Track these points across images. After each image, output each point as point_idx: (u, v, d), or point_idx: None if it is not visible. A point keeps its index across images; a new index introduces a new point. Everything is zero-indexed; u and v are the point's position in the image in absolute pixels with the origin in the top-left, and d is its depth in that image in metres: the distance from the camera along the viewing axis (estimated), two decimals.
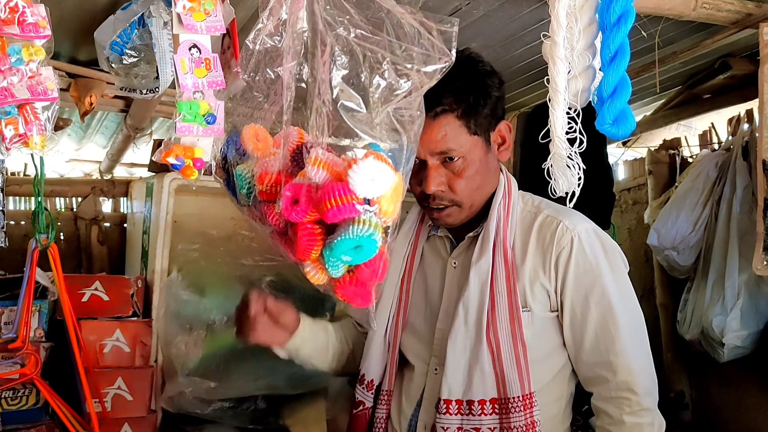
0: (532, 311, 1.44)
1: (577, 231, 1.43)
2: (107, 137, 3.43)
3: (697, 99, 2.91)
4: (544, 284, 1.44)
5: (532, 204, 1.52)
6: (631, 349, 1.41)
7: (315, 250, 1.00)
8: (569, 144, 1.18)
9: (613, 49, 1.15)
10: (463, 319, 1.43)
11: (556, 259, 1.42)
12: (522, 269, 1.44)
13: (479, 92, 1.39)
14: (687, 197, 2.80)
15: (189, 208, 2.67)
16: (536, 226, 1.46)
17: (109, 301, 2.33)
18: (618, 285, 1.44)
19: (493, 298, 1.43)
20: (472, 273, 1.44)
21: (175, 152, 1.09)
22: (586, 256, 1.42)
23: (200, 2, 1.06)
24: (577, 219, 1.46)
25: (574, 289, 1.42)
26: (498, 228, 1.45)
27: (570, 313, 1.44)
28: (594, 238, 1.45)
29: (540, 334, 1.45)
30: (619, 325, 1.40)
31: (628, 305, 1.45)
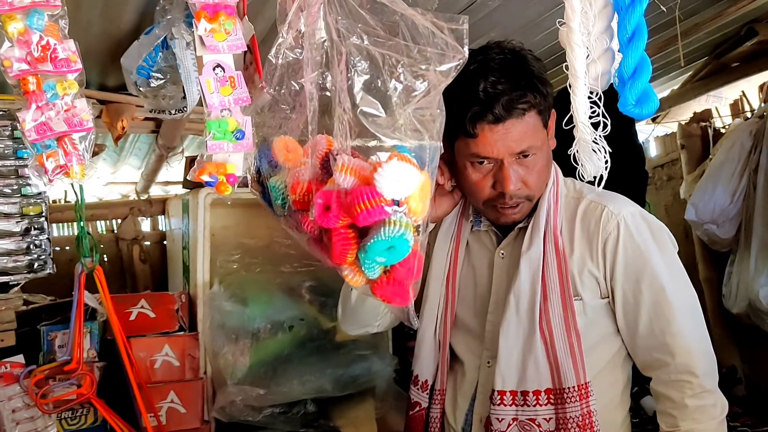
0: (583, 300, 1.41)
1: (623, 215, 1.40)
2: (141, 158, 3.51)
3: (725, 68, 2.86)
4: (593, 272, 1.41)
5: (574, 189, 1.50)
6: (688, 330, 1.38)
7: (350, 253, 1.02)
8: (593, 128, 1.18)
9: (630, 29, 1.14)
10: (515, 309, 1.41)
11: (603, 246, 1.40)
12: (571, 257, 1.42)
13: (547, 83, 1.38)
14: (722, 169, 2.76)
15: (225, 221, 2.73)
16: (580, 212, 1.44)
17: (155, 318, 2.38)
18: (668, 266, 1.40)
19: (545, 288, 1.40)
20: (523, 262, 1.42)
21: (208, 170, 1.12)
22: (634, 240, 1.39)
23: (220, 23, 1.09)
24: (621, 203, 1.43)
25: (624, 275, 1.39)
26: (548, 216, 1.43)
27: (622, 299, 1.41)
28: (640, 220, 1.42)
29: (592, 322, 1.43)
30: (673, 307, 1.37)
31: (680, 286, 1.41)
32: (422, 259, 1.05)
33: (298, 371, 2.40)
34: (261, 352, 2.44)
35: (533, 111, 1.34)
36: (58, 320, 2.26)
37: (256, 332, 2.43)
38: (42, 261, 2.07)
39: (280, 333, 2.48)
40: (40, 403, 1.90)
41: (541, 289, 1.40)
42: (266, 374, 2.37)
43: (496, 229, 1.53)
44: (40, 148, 1.10)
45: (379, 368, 2.50)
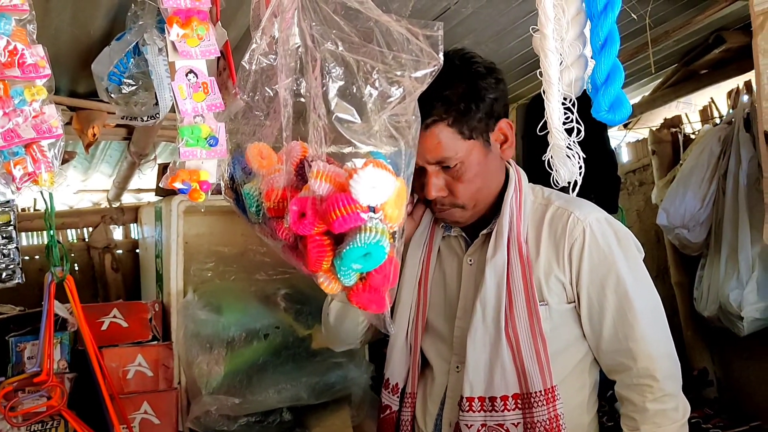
0: (549, 305, 1.43)
1: (589, 221, 1.42)
2: (112, 166, 3.46)
3: (694, 75, 2.91)
4: (559, 277, 1.43)
5: (542, 196, 1.51)
6: (651, 335, 1.40)
7: (326, 260, 1.01)
8: (567, 134, 1.19)
9: (603, 36, 1.16)
10: (482, 316, 1.43)
11: (569, 251, 1.42)
12: (536, 263, 1.44)
13: (471, 97, 1.37)
14: (693, 174, 2.80)
15: (199, 229, 2.70)
16: (547, 218, 1.46)
17: (128, 327, 2.35)
18: (633, 272, 1.43)
19: (510, 294, 1.42)
20: (488, 270, 1.43)
21: (181, 177, 1.10)
22: (599, 245, 1.41)
23: (193, 29, 1.08)
24: (587, 209, 1.45)
25: (590, 280, 1.41)
26: (511, 223, 1.45)
27: (587, 304, 1.43)
28: (606, 226, 1.44)
29: (558, 327, 1.45)
30: (636, 312, 1.39)
31: (644, 291, 1.44)
32: (398, 266, 1.05)
33: (273, 380, 2.38)
34: (236, 360, 2.42)
35: (441, 124, 1.35)
36: (27, 331, 2.21)
37: (231, 341, 2.40)
38: (11, 270, 2.03)
39: (255, 341, 2.46)
40: (9, 416, 1.86)
41: (507, 295, 1.42)
42: (241, 383, 2.35)
43: (465, 235, 1.55)
44: (8, 155, 1.08)
45: (355, 376, 2.49)
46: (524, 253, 1.43)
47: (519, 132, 2.85)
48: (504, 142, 1.47)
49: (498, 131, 1.45)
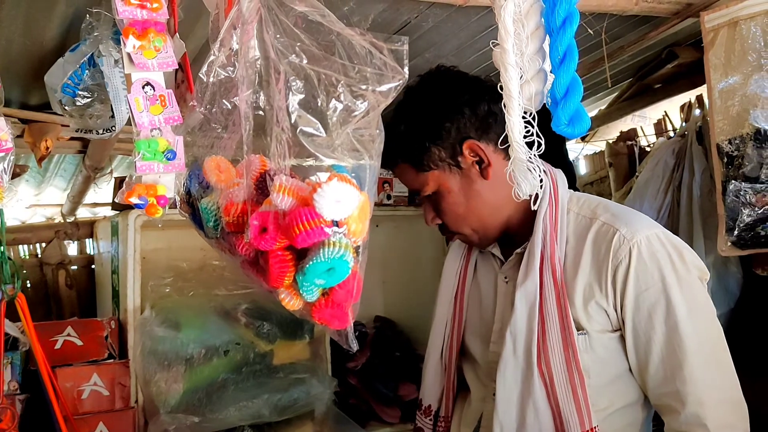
0: (589, 333, 1.27)
1: (636, 240, 1.26)
2: (67, 179, 3.38)
3: (648, 89, 2.98)
4: (601, 303, 1.27)
5: (588, 208, 1.36)
6: (703, 377, 1.22)
7: (288, 276, 1.00)
8: (528, 147, 1.20)
9: (562, 51, 1.17)
10: (512, 348, 1.30)
11: (613, 275, 1.26)
12: (574, 286, 1.28)
13: (422, 134, 1.32)
14: (648, 186, 2.86)
15: (157, 243, 2.65)
16: (591, 235, 1.30)
17: (83, 346, 2.29)
18: (687, 301, 1.24)
19: (543, 323, 1.27)
20: (518, 296, 1.30)
21: (137, 192, 1.08)
22: (648, 269, 1.24)
23: (150, 40, 1.06)
24: (638, 226, 1.29)
25: (635, 308, 1.25)
26: (545, 243, 1.31)
27: (633, 334, 1.26)
28: (658, 246, 1.27)
29: (603, 358, 1.29)
30: (686, 349, 1.22)
31: (699, 324, 1.25)
32: (361, 281, 1.04)
33: (234, 397, 2.34)
34: (195, 378, 2.37)
35: (400, 163, 1.36)
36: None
37: (190, 358, 2.36)
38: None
39: (215, 358, 2.42)
40: None
41: (539, 325, 1.28)
42: (201, 401, 2.30)
43: (499, 252, 1.45)
44: None
45: (317, 391, 2.46)
46: (558, 276, 1.28)
47: None
48: (481, 163, 1.36)
49: (467, 154, 1.35)
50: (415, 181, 1.36)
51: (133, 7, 1.07)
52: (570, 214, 1.35)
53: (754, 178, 1.94)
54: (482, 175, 1.35)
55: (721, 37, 2.01)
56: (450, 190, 1.35)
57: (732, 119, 1.99)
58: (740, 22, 1.97)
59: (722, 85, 2.02)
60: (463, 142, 1.35)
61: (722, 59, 2.02)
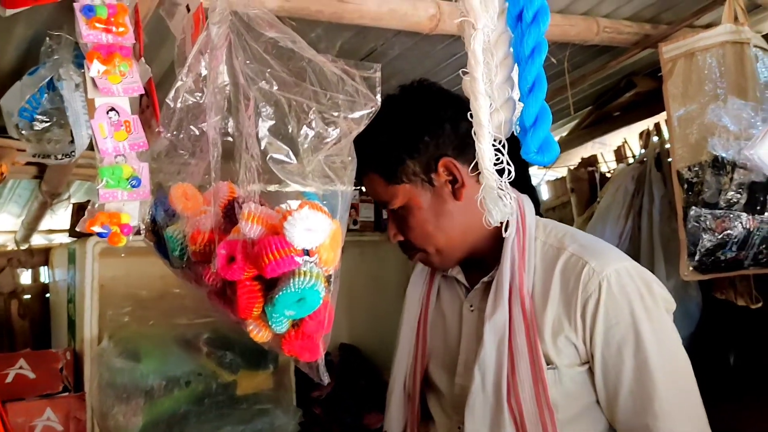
0: (558, 368, 1.24)
1: (606, 274, 1.22)
2: (21, 205, 3.29)
3: (608, 117, 3.04)
4: (570, 337, 1.24)
5: (555, 237, 1.33)
6: (673, 410, 1.19)
7: (256, 307, 0.97)
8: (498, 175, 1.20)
9: (531, 79, 1.18)
10: (481, 383, 1.25)
11: (582, 309, 1.22)
12: (543, 319, 1.25)
13: (399, 146, 1.29)
14: (609, 211, 2.90)
15: (116, 271, 2.58)
16: (559, 267, 1.27)
17: (35, 379, 2.20)
18: (656, 335, 1.22)
19: (512, 357, 1.23)
20: (487, 329, 1.26)
21: (100, 220, 1.04)
22: (617, 304, 1.21)
23: (115, 64, 1.03)
24: (607, 259, 1.26)
25: (605, 342, 1.22)
26: (513, 272, 1.27)
27: (602, 369, 1.23)
28: (627, 280, 1.23)
29: (571, 392, 1.26)
30: (656, 383, 1.19)
31: (668, 358, 1.23)
32: (333, 311, 1.01)
33: (196, 429, 2.28)
34: (155, 410, 2.30)
35: (370, 170, 1.32)
36: None
37: (150, 390, 2.29)
38: None
39: (176, 389, 2.35)
40: None
41: (509, 360, 1.24)
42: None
43: (463, 276, 1.41)
44: None
45: (282, 422, 2.41)
46: (528, 308, 1.25)
47: None
48: (454, 183, 1.33)
49: (441, 172, 1.32)
50: (383, 193, 1.32)
51: (98, 31, 1.04)
52: (537, 242, 1.32)
53: (713, 204, 1.98)
54: (454, 195, 1.33)
55: (679, 67, 2.07)
56: (419, 207, 1.31)
57: (691, 147, 2.04)
58: (696, 53, 2.03)
59: (681, 113, 2.07)
60: (439, 158, 1.32)
61: (680, 89, 2.07)
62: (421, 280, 1.47)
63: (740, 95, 1.95)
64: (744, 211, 1.94)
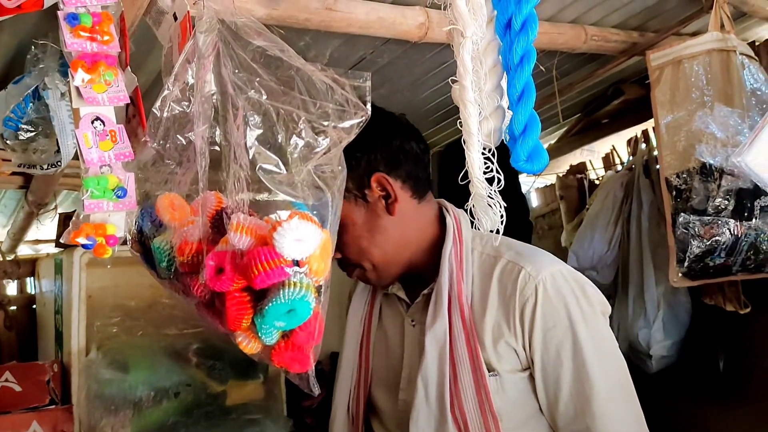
0: (500, 374, 1.24)
1: (542, 278, 1.24)
2: (7, 216, 3.26)
3: (596, 124, 3.06)
4: (510, 342, 1.24)
5: (492, 246, 1.33)
6: (611, 411, 1.21)
7: (246, 318, 0.95)
8: (488, 183, 1.20)
9: (520, 88, 1.18)
10: (424, 395, 1.25)
11: (520, 313, 1.23)
12: (483, 326, 1.25)
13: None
14: (598, 218, 2.91)
15: (103, 281, 2.56)
16: (496, 274, 1.28)
17: (22, 392, 2.18)
18: (592, 336, 1.23)
19: (454, 366, 1.23)
20: (428, 340, 1.25)
21: (85, 231, 1.02)
22: (554, 306, 1.22)
23: (100, 73, 1.02)
24: (542, 263, 1.27)
25: (544, 346, 1.23)
26: (452, 282, 1.28)
27: (542, 372, 1.24)
28: (562, 283, 1.25)
29: (514, 399, 1.25)
30: (594, 384, 1.20)
31: (605, 359, 1.24)
32: (323, 322, 1.00)
33: None
34: (144, 422, 2.27)
35: None
36: None
37: (139, 401, 2.26)
38: None
39: (165, 401, 2.33)
40: None
41: (451, 369, 1.24)
42: None
43: (404, 294, 1.41)
44: None
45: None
46: (467, 316, 1.25)
47: (434, 179, 2.89)
48: (387, 198, 1.31)
49: (375, 188, 1.31)
50: None
51: (83, 39, 1.03)
52: (474, 253, 1.33)
53: (701, 211, 1.99)
54: (388, 210, 1.32)
55: (666, 74, 2.08)
56: (354, 223, 1.30)
57: (679, 154, 2.05)
58: (683, 61, 2.05)
59: (668, 120, 2.08)
60: (371, 174, 1.31)
61: (668, 96, 2.08)
62: (363, 301, 1.46)
63: (727, 102, 1.97)
64: (732, 217, 1.95)
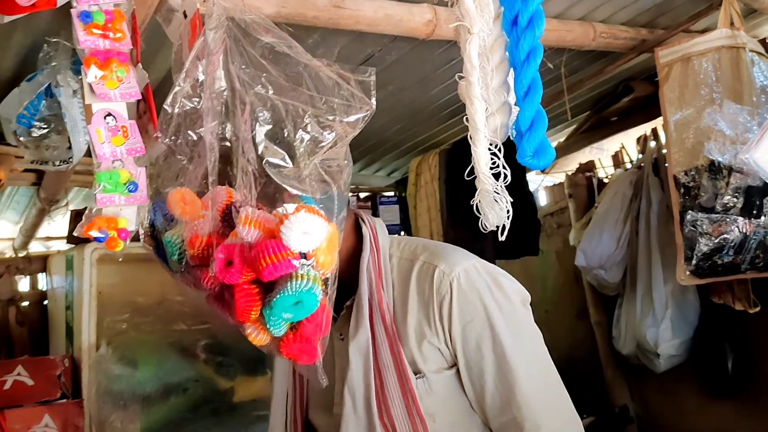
0: (427, 375, 1.23)
1: (455, 274, 1.23)
2: (19, 212, 3.29)
3: (605, 122, 3.05)
4: (433, 341, 1.24)
5: (409, 250, 1.33)
6: (536, 400, 1.20)
7: (254, 310, 0.97)
8: (494, 179, 1.20)
9: (526, 84, 1.18)
10: (352, 405, 1.24)
11: (439, 311, 1.23)
12: (406, 329, 1.25)
13: None
14: (607, 216, 2.91)
15: (113, 278, 2.58)
16: (414, 276, 1.28)
17: (34, 386, 2.20)
18: (510, 327, 1.23)
19: (379, 374, 1.23)
20: (352, 350, 1.24)
21: (97, 225, 1.04)
22: (469, 300, 1.22)
23: (112, 70, 1.04)
24: (454, 259, 1.27)
25: (464, 341, 1.22)
26: (371, 290, 1.27)
27: (466, 367, 1.23)
28: (476, 277, 1.25)
29: (444, 398, 1.25)
30: (516, 374, 1.20)
31: (526, 349, 1.24)
32: (330, 315, 1.01)
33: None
34: (152, 417, 2.30)
35: None
36: None
37: (147, 396, 2.29)
38: None
39: (174, 396, 2.35)
40: None
41: (376, 377, 1.23)
42: None
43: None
44: None
45: None
46: (389, 323, 1.25)
47: (441, 177, 2.89)
48: None
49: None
50: None
51: (96, 36, 1.05)
52: (393, 260, 1.33)
53: (710, 209, 1.99)
54: None
55: (675, 71, 2.08)
56: None
57: (687, 151, 2.04)
58: (692, 58, 2.04)
59: (677, 118, 2.07)
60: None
61: (676, 93, 2.08)
62: None
63: (736, 99, 1.96)
64: (741, 215, 1.95)
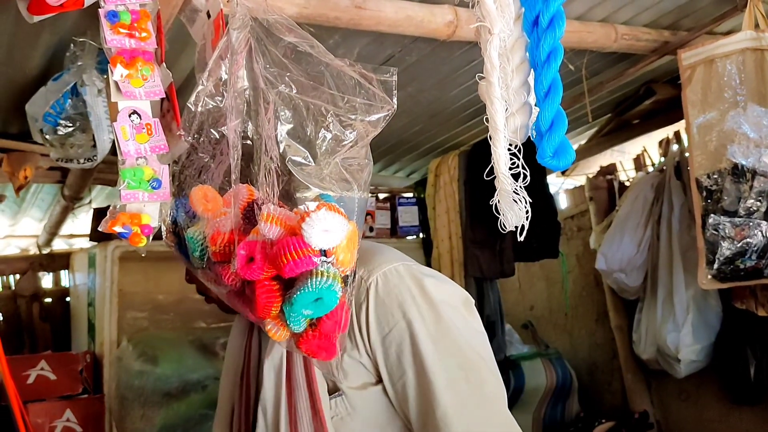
0: (347, 393, 1.11)
1: (373, 279, 1.11)
2: (44, 210, 3.34)
3: (627, 125, 3.03)
4: (353, 355, 1.11)
5: None
6: (459, 415, 1.05)
7: (275, 306, 0.98)
8: (513, 179, 1.20)
9: (546, 84, 1.19)
10: (263, 424, 1.15)
11: (357, 321, 1.10)
12: None
13: None
14: (628, 220, 2.89)
15: (134, 276, 2.62)
16: None
17: (56, 380, 2.24)
18: (433, 335, 1.08)
19: (290, 392, 1.13)
20: (266, 366, 1.15)
21: (121, 221, 1.06)
22: (386, 309, 1.09)
23: (138, 69, 1.06)
24: (376, 263, 1.13)
25: (384, 354, 1.09)
26: None
27: (389, 382, 1.10)
28: (396, 281, 1.11)
29: (368, 418, 1.12)
30: (435, 388, 1.05)
31: (448, 358, 1.08)
32: (349, 311, 1.02)
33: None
34: (172, 414, 2.32)
35: None
36: None
37: (167, 393, 2.31)
38: None
39: (193, 393, 2.37)
40: None
41: (286, 394, 1.13)
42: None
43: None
44: None
45: None
46: None
47: (461, 178, 2.89)
48: None
49: None
50: None
51: (122, 36, 1.07)
52: None
53: (732, 212, 1.97)
54: None
55: (698, 74, 2.06)
56: None
57: (710, 154, 2.03)
58: (716, 60, 2.02)
59: (700, 120, 2.06)
60: None
61: (699, 96, 2.06)
62: (244, 329, 1.32)
63: (761, 102, 1.94)
64: (764, 219, 1.92)
